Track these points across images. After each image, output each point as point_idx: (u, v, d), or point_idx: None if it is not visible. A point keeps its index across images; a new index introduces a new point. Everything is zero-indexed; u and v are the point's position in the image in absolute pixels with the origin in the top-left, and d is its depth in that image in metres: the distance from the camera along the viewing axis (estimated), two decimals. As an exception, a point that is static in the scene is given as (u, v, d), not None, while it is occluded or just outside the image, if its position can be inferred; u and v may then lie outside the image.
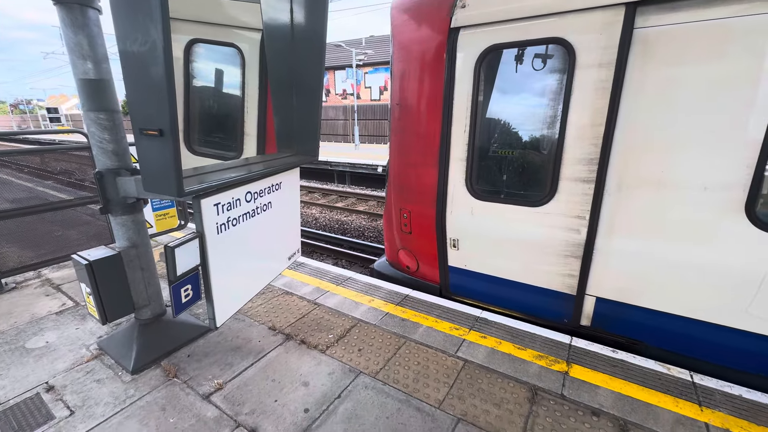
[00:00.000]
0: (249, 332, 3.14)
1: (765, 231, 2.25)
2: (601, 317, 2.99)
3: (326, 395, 2.45)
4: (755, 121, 2.17)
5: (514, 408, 2.33)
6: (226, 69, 3.83)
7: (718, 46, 2.20)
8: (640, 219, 2.60)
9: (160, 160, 1.67)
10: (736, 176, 2.26)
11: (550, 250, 2.97)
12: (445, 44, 3.07)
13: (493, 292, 3.44)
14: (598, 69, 2.50)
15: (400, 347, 2.94)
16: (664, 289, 2.67)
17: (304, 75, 2.67)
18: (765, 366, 2.51)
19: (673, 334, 2.75)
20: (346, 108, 25.71)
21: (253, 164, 2.54)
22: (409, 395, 2.44)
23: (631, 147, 2.52)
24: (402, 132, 3.59)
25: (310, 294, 3.77)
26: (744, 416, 2.24)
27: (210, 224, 2.01)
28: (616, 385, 2.51)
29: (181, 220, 4.53)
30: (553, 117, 2.80)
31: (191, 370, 2.68)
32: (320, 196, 13.12)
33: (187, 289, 2.04)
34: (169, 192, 1.71)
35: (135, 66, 1.55)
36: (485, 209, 3.18)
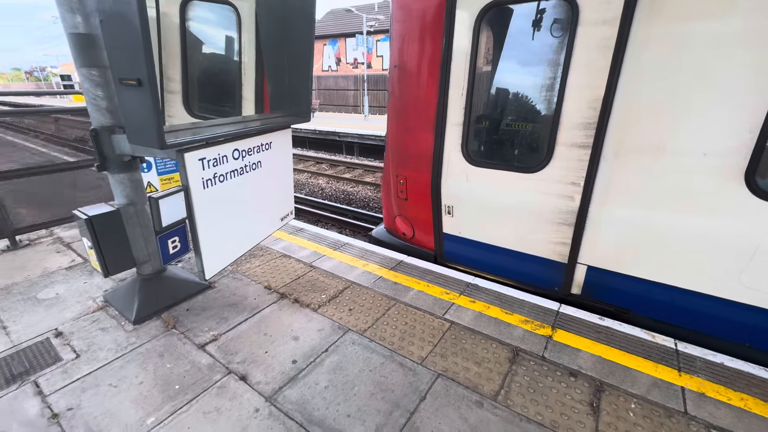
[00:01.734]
0: (245, 290, 3.27)
1: (764, 200, 2.18)
2: (592, 286, 3.00)
3: (314, 349, 2.56)
4: (763, 83, 2.05)
5: (494, 367, 2.40)
6: (224, 29, 3.75)
7: (726, 2, 2.05)
8: (635, 186, 2.54)
9: (141, 111, 1.68)
10: (737, 142, 2.17)
11: (544, 217, 2.94)
12: (444, 3, 2.93)
13: (487, 260, 3.47)
14: (601, 26, 2.37)
15: (389, 308, 3.02)
16: (656, 258, 2.65)
17: (295, 37, 2.60)
18: (750, 336, 2.50)
19: (663, 304, 2.74)
20: (357, 78, 25.08)
21: (241, 122, 2.54)
22: (393, 352, 2.54)
23: (631, 111, 2.42)
24: (400, 96, 3.52)
25: (308, 257, 3.86)
26: (722, 382, 2.26)
27: (195, 178, 2.05)
28: (599, 349, 2.55)
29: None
30: (553, 79, 2.69)
31: (189, 323, 2.82)
32: (328, 166, 13.11)
33: (175, 241, 2.12)
34: (151, 143, 1.74)
35: (110, 15, 1.53)
36: (480, 175, 3.14)
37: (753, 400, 2.13)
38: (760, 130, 2.10)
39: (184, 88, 3.83)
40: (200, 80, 3.87)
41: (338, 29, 28.19)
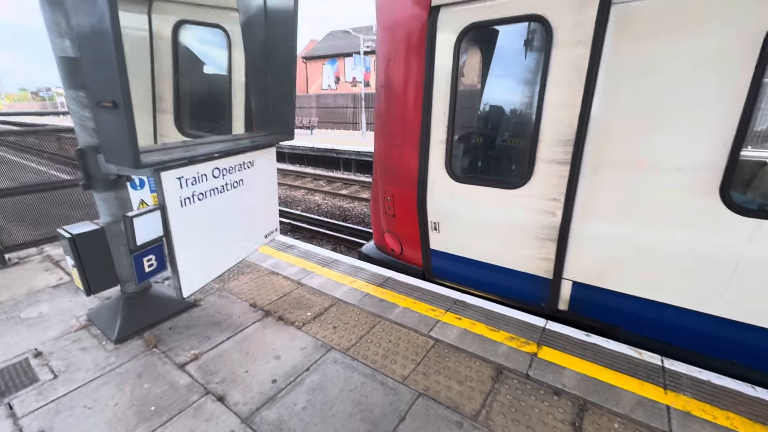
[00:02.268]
0: (231, 308, 3.24)
1: (739, 214, 2.19)
2: (578, 301, 2.98)
3: (295, 368, 2.52)
4: (732, 100, 2.09)
5: (477, 385, 2.36)
6: (215, 50, 3.86)
7: (695, 22, 2.12)
8: (614, 202, 2.56)
9: (116, 132, 1.72)
10: (711, 157, 2.20)
11: (527, 233, 2.95)
12: (426, 24, 3.02)
13: (473, 276, 3.45)
14: (574, 47, 2.44)
15: (374, 326, 2.99)
16: (639, 273, 2.64)
17: (278, 55, 2.68)
18: (738, 353, 2.47)
19: (650, 320, 2.72)
20: (356, 96, 25.55)
21: (223, 141, 2.58)
22: (375, 370, 2.50)
23: (606, 128, 2.46)
24: (386, 114, 3.59)
25: (295, 274, 3.84)
26: (708, 400, 2.22)
27: (172, 197, 2.07)
28: (584, 367, 2.51)
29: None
30: (531, 97, 2.75)
31: (171, 342, 2.79)
32: (325, 183, 13.21)
33: (150, 260, 2.12)
34: (126, 163, 1.77)
35: (87, 39, 1.59)
36: (464, 192, 3.17)
37: (739, 419, 2.09)
38: (731, 145, 2.13)
39: (176, 108, 3.92)
40: (191, 100, 3.96)
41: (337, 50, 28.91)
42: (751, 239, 2.19)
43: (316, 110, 27.05)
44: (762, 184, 2.36)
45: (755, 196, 2.31)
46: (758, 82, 2.02)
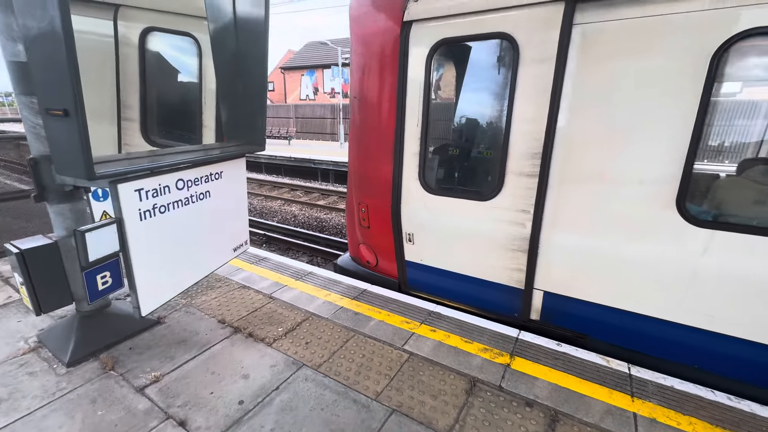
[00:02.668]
0: (197, 325, 3.10)
1: (693, 225, 2.30)
2: (549, 311, 3.02)
3: (264, 387, 2.42)
4: (684, 117, 2.21)
5: (450, 399, 2.34)
6: (184, 59, 3.77)
7: (650, 44, 2.24)
8: (580, 213, 2.64)
9: (68, 141, 1.62)
10: (668, 171, 2.31)
11: (499, 244, 2.99)
12: (399, 37, 3.07)
13: (448, 287, 3.46)
14: (539, 64, 2.53)
15: (348, 340, 2.92)
16: (605, 283, 2.72)
17: (249, 64, 2.64)
18: (698, 358, 2.56)
19: (616, 328, 2.79)
20: (334, 107, 25.61)
21: (189, 152, 2.49)
22: (348, 387, 2.43)
23: (571, 142, 2.55)
24: (360, 126, 3.59)
25: (268, 288, 3.73)
26: (672, 406, 2.28)
27: (130, 210, 1.97)
28: (555, 377, 2.53)
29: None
30: (500, 111, 2.82)
31: (130, 363, 2.63)
32: (302, 193, 13.04)
33: (105, 276, 1.99)
34: (79, 175, 1.67)
35: (36, 42, 1.50)
36: (437, 203, 3.19)
37: (701, 424, 2.15)
38: (685, 159, 2.24)
39: (143, 116, 3.78)
40: (160, 108, 3.83)
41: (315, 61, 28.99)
42: (706, 249, 2.30)
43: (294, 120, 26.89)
44: (714, 196, 2.49)
45: (708, 207, 2.44)
46: (707, 100, 2.15)
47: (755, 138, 2.66)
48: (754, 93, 2.48)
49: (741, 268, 2.24)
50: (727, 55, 2.08)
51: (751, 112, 2.65)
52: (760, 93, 2.56)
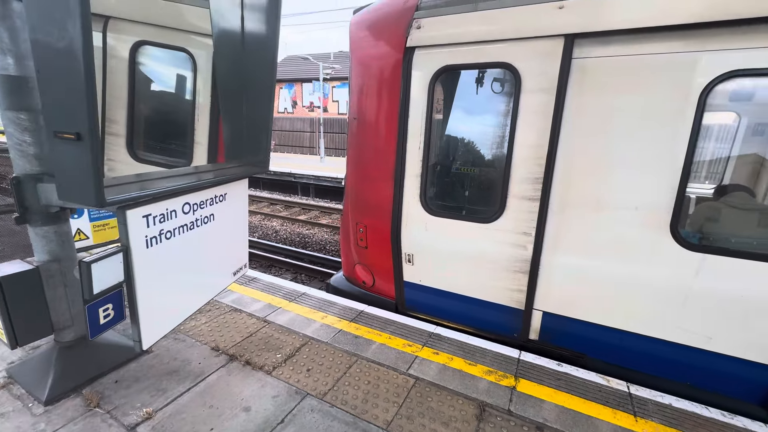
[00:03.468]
0: (189, 353, 2.92)
1: (686, 249, 2.44)
2: (548, 331, 3.08)
3: (268, 421, 2.30)
4: (677, 148, 2.37)
5: (462, 426, 2.31)
6: (177, 74, 3.66)
7: (643, 79, 2.40)
8: (579, 236, 2.73)
9: (77, 166, 1.51)
10: (662, 198, 2.45)
11: (500, 265, 3.04)
12: (401, 62, 3.13)
13: (447, 308, 3.46)
14: (540, 94, 2.65)
15: (351, 366, 2.85)
16: (601, 303, 2.81)
17: (255, 85, 2.60)
18: (690, 375, 2.68)
19: (613, 347, 2.88)
20: (313, 120, 25.58)
21: (194, 174, 2.39)
22: (356, 417, 2.35)
23: (570, 168, 2.66)
24: (359, 146, 3.59)
25: (261, 311, 3.59)
26: (673, 425, 2.36)
27: (137, 238, 1.85)
28: (560, 398, 2.57)
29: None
30: (503, 137, 2.92)
31: (117, 398, 2.43)
32: (282, 208, 12.80)
33: (107, 309, 1.85)
34: (87, 202, 1.56)
35: (50, 63, 1.41)
36: (439, 225, 3.21)
37: (702, 442, 2.24)
38: (678, 186, 2.39)
39: (129, 132, 3.61)
40: (148, 125, 3.69)
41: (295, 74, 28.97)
42: (698, 271, 2.44)
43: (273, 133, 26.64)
44: (705, 221, 2.66)
45: (700, 232, 2.60)
46: (697, 131, 2.31)
47: (739, 168, 2.89)
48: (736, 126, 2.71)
49: (730, 289, 2.38)
50: (715, 92, 2.26)
51: (734, 143, 2.88)
52: (742, 126, 2.80)
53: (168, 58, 3.58)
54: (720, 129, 2.67)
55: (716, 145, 2.72)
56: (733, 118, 2.85)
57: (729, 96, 2.27)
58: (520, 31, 2.65)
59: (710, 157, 2.72)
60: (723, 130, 2.72)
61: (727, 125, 2.63)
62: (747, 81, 2.29)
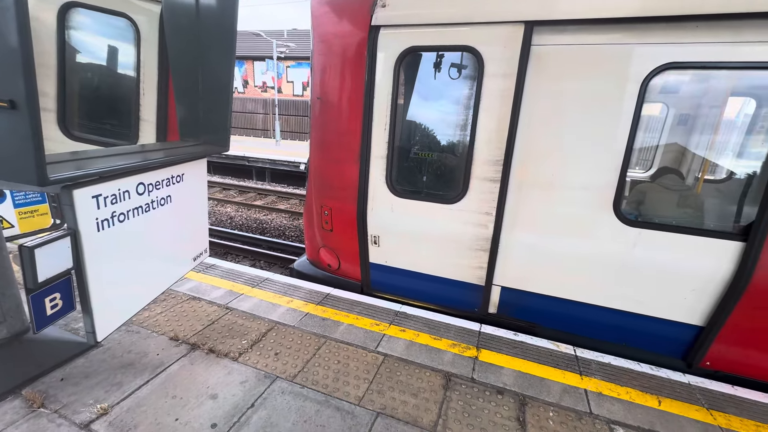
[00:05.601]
0: (145, 345, 2.75)
1: (626, 224, 2.71)
2: (505, 304, 3.30)
3: (237, 406, 2.25)
4: (620, 132, 2.60)
5: (430, 396, 2.43)
6: (117, 43, 3.30)
7: (592, 67, 2.58)
8: (535, 215, 2.93)
9: (11, 139, 1.32)
10: (606, 179, 2.69)
11: (463, 244, 3.18)
12: (366, 41, 3.07)
13: (413, 287, 3.57)
14: (502, 78, 2.75)
15: (320, 347, 2.86)
16: (553, 276, 3.05)
17: (212, 58, 2.41)
18: (626, 336, 3.02)
19: (561, 316, 3.15)
20: (267, 101, 24.37)
21: (148, 152, 2.20)
22: (328, 395, 2.38)
23: (528, 151, 2.82)
24: (323, 127, 3.51)
25: (222, 298, 3.45)
26: (612, 380, 2.67)
27: (87, 220, 1.68)
28: (517, 364, 2.78)
29: (55, 219, 3.76)
30: (466, 120, 3.00)
31: (65, 397, 2.24)
32: (236, 193, 12.22)
33: (54, 299, 1.67)
34: (26, 179, 1.37)
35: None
36: (404, 206, 3.27)
37: (635, 392, 2.56)
38: (620, 169, 2.63)
39: (60, 106, 3.22)
40: (84, 98, 3.31)
41: (246, 51, 27.27)
42: (635, 244, 2.73)
43: (222, 114, 25.01)
44: (641, 200, 2.97)
45: (637, 209, 2.90)
46: (638, 118, 2.55)
47: (673, 151, 3.24)
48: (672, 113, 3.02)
49: (659, 259, 2.70)
50: (654, 82, 2.49)
51: (669, 129, 3.21)
52: (676, 113, 3.12)
53: (106, 26, 3.21)
54: (656, 117, 2.97)
55: (653, 132, 3.02)
56: (666, 107, 3.18)
57: (665, 87, 2.53)
58: (484, 16, 2.71)
59: (647, 142, 3.02)
60: (659, 118, 3.03)
61: (663, 114, 2.93)
62: (680, 73, 2.55)
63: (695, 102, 3.47)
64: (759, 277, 2.45)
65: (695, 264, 2.63)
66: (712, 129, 3.41)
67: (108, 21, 3.18)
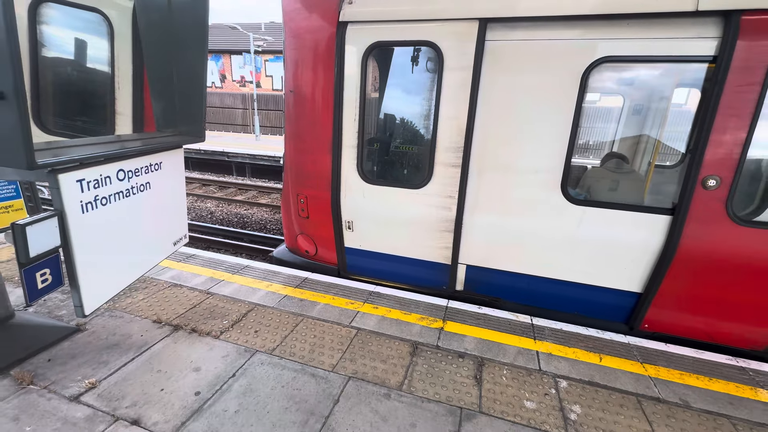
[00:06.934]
0: (128, 328, 2.89)
1: (572, 203, 3.01)
2: (470, 281, 3.58)
3: (219, 376, 2.44)
4: (564, 121, 2.88)
5: (398, 361, 2.68)
6: (90, 37, 3.36)
7: (539, 61, 2.84)
8: (493, 197, 3.20)
9: (1, 127, 1.45)
10: (554, 162, 2.97)
11: (430, 226, 3.42)
12: (335, 36, 3.25)
13: (385, 268, 3.80)
14: (460, 72, 2.98)
15: (297, 324, 3.06)
16: (510, 253, 3.34)
17: (185, 49, 2.54)
18: (578, 306, 3.34)
19: (521, 290, 3.45)
20: (245, 96, 24.08)
21: (126, 141, 2.33)
22: (304, 364, 2.59)
23: (485, 138, 3.08)
24: (297, 119, 3.67)
25: (203, 284, 3.60)
26: (561, 342, 2.98)
27: (72, 202, 1.81)
28: (479, 333, 3.06)
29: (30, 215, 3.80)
30: (429, 110, 3.23)
31: (53, 375, 2.37)
32: (216, 189, 12.17)
33: (44, 274, 1.81)
34: (15, 163, 1.50)
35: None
36: (375, 192, 3.49)
37: (581, 352, 2.87)
38: (566, 153, 2.92)
39: (35, 101, 3.28)
40: (58, 93, 3.36)
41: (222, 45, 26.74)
42: (581, 221, 3.03)
43: (199, 109, 24.54)
44: (585, 182, 3.27)
45: (581, 190, 3.20)
46: (580, 107, 2.83)
47: (610, 137, 3.56)
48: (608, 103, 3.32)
49: (602, 234, 3.01)
50: (593, 74, 2.78)
51: (607, 117, 3.52)
52: (613, 103, 3.43)
53: (78, 21, 3.27)
54: (597, 106, 3.27)
55: (593, 119, 3.32)
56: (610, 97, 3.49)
57: (603, 77, 2.81)
58: (443, 13, 2.93)
59: (588, 128, 3.32)
60: (600, 108, 3.33)
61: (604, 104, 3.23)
62: (617, 65, 2.84)
63: (638, 93, 3.80)
64: (684, 247, 2.79)
65: (632, 237, 2.95)
66: (650, 118, 3.75)
67: (80, 16, 3.24)
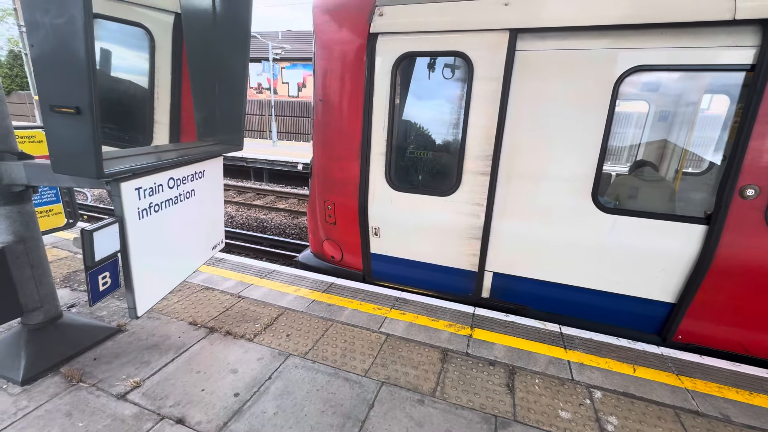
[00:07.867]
0: (166, 329, 2.99)
1: (603, 212, 2.99)
2: (497, 289, 3.58)
3: (256, 378, 2.51)
4: (596, 129, 2.88)
5: (429, 368, 2.70)
6: (133, 51, 3.53)
7: (571, 71, 2.86)
8: (521, 204, 3.21)
9: (76, 140, 1.56)
10: (585, 170, 2.97)
11: (457, 233, 3.45)
12: (365, 47, 3.33)
13: (411, 275, 3.83)
14: (490, 81, 3.02)
15: (327, 329, 3.11)
16: (539, 261, 3.33)
17: (228, 63, 2.65)
18: (609, 315, 3.31)
19: (549, 298, 3.43)
20: (263, 103, 24.57)
21: (173, 151, 2.44)
22: (337, 369, 2.64)
23: (514, 146, 3.10)
24: (325, 127, 3.76)
25: (233, 288, 3.70)
26: (593, 352, 2.95)
27: (131, 209, 1.92)
28: (508, 340, 3.06)
29: (69, 219, 3.97)
30: (458, 119, 3.27)
31: (100, 373, 2.48)
32: (235, 193, 12.42)
33: (105, 277, 1.91)
34: (86, 173, 1.61)
35: (47, 39, 1.43)
36: (402, 199, 3.53)
37: (613, 362, 2.84)
38: (597, 161, 2.92)
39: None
40: (104, 104, 3.53)
41: (240, 53, 27.44)
42: (612, 230, 3.01)
43: (218, 116, 25.15)
44: (616, 189, 3.25)
45: (611, 198, 3.18)
46: (612, 115, 2.83)
47: (643, 145, 3.53)
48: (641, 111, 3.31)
49: (633, 243, 2.99)
50: (625, 83, 2.78)
51: (640, 126, 3.50)
52: (645, 111, 3.41)
53: (121, 35, 3.44)
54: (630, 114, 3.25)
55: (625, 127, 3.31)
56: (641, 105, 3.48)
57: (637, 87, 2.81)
58: (473, 24, 2.98)
59: (621, 136, 3.31)
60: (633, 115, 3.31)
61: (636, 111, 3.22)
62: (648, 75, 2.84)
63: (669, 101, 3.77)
64: (720, 257, 2.74)
65: (665, 246, 2.92)
66: (680, 126, 3.71)
67: (123, 31, 3.40)
